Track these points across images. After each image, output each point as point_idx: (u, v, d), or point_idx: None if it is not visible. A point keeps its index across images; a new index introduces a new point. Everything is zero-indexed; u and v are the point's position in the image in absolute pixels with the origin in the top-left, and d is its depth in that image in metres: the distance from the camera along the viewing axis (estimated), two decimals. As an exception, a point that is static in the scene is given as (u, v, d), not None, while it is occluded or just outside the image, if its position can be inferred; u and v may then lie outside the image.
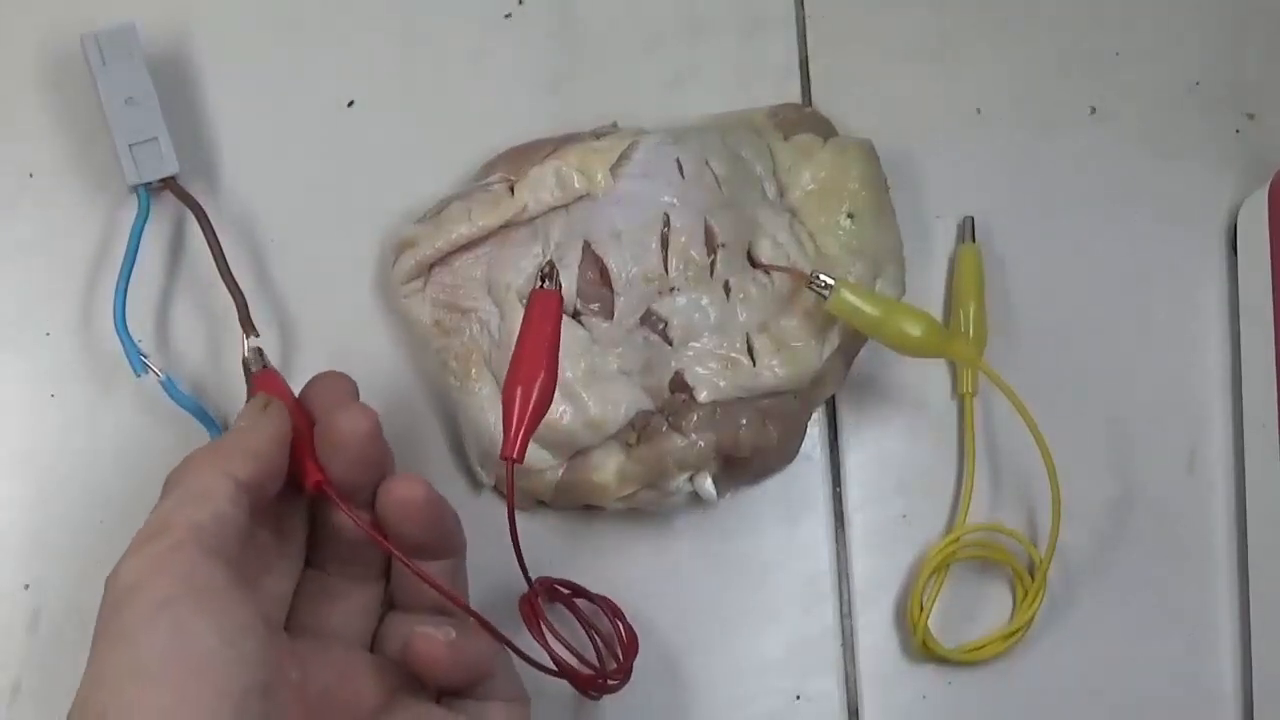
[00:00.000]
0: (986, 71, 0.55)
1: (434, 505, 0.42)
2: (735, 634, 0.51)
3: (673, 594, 0.51)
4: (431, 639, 0.41)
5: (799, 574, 0.52)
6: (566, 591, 0.48)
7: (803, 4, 0.55)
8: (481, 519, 0.45)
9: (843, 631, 0.52)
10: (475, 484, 0.50)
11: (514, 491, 0.40)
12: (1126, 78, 0.56)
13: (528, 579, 0.43)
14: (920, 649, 0.51)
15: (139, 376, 0.46)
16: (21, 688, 0.47)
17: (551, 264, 0.42)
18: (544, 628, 0.44)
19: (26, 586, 0.47)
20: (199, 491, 0.39)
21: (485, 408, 0.47)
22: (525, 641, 0.44)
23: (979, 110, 0.55)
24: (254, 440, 0.41)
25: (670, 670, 0.51)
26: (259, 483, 0.40)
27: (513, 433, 0.40)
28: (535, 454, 0.47)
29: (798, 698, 0.51)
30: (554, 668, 0.44)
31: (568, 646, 0.45)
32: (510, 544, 0.49)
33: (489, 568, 0.45)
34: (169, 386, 0.46)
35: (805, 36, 0.54)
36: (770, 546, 0.52)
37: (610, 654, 0.48)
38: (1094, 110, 0.56)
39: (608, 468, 0.47)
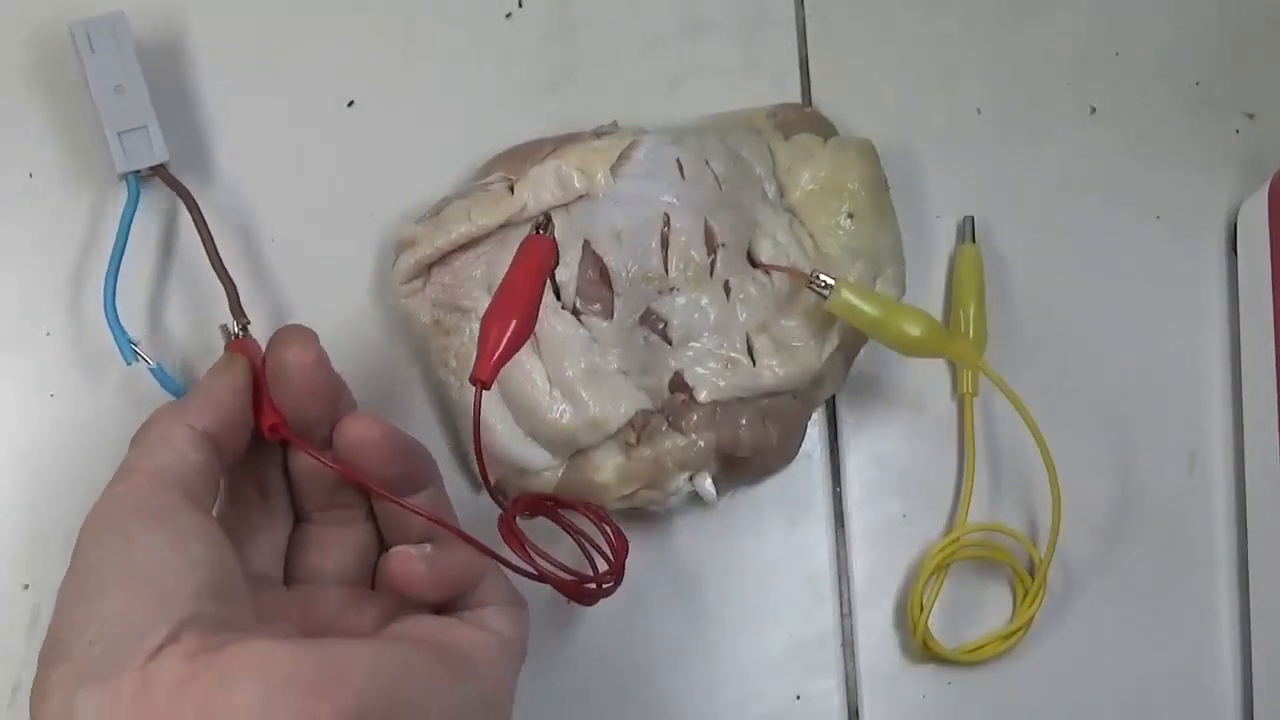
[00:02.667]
0: (986, 71, 0.55)
1: (392, 439, 0.42)
2: (735, 634, 0.51)
3: (673, 594, 0.51)
4: (407, 556, 0.41)
5: (799, 574, 0.52)
6: (549, 503, 0.48)
7: (803, 4, 0.55)
8: (481, 519, 0.45)
9: (843, 631, 0.52)
10: (475, 484, 0.50)
11: (480, 414, 0.41)
12: (1126, 78, 0.56)
13: (498, 501, 0.44)
14: (920, 649, 0.51)
15: (129, 365, 0.46)
16: (21, 688, 0.47)
17: (547, 215, 0.43)
18: (524, 544, 0.43)
19: (26, 586, 0.47)
20: (159, 440, 0.40)
21: (484, 408, 0.47)
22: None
23: (979, 110, 0.55)
24: (212, 392, 0.42)
25: (670, 670, 0.51)
26: (219, 430, 0.41)
27: (485, 355, 0.41)
28: (535, 454, 0.47)
29: (798, 698, 0.51)
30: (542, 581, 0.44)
31: (551, 560, 0.44)
32: (507, 544, 0.50)
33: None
34: (159, 375, 0.46)
35: (805, 36, 0.54)
36: (770, 546, 0.52)
37: (601, 557, 0.47)
38: (1094, 110, 0.56)
39: (608, 468, 0.47)
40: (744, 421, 0.47)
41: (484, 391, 0.41)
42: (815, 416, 0.52)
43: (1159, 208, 0.55)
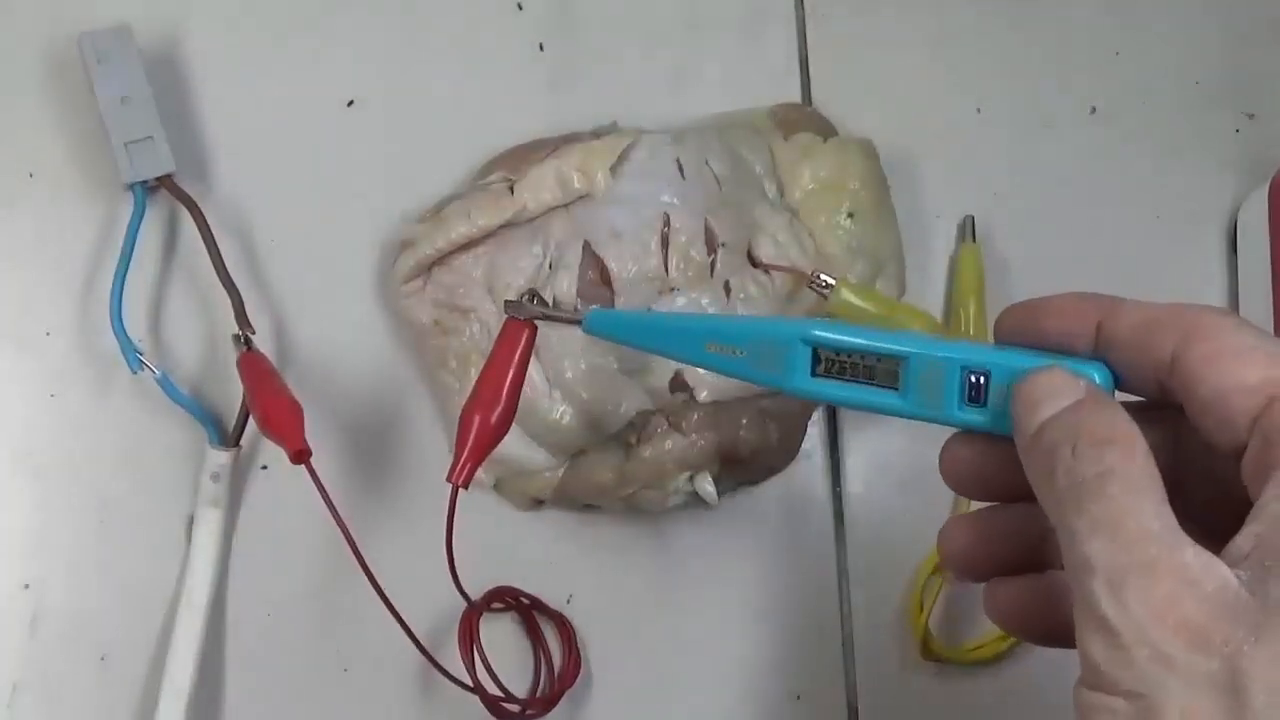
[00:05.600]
0: (986, 71, 0.55)
1: None
2: (735, 634, 0.51)
3: (672, 593, 0.51)
4: None
5: (799, 574, 0.52)
6: (526, 602, 0.49)
7: (803, 4, 0.55)
8: (480, 518, 0.45)
9: (843, 631, 0.52)
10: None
11: (454, 513, 0.41)
12: (1126, 78, 0.56)
13: (466, 597, 0.44)
14: (920, 649, 0.51)
15: (135, 374, 0.46)
16: (21, 687, 0.47)
17: (533, 291, 0.43)
18: (473, 648, 0.45)
19: (26, 586, 0.47)
20: None
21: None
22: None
23: (979, 110, 0.55)
24: None
25: (670, 670, 0.50)
26: None
27: (461, 460, 0.41)
28: (535, 454, 0.47)
29: (798, 698, 0.51)
30: (470, 686, 0.45)
31: (491, 672, 0.46)
32: (508, 546, 0.50)
33: (482, 567, 0.46)
34: (165, 384, 0.46)
35: (805, 36, 0.54)
36: (770, 546, 0.52)
37: (548, 677, 0.48)
38: (1094, 110, 0.56)
39: (607, 468, 0.47)
40: (744, 421, 0.47)
41: (454, 473, 0.41)
42: (815, 416, 0.52)
43: (1159, 207, 0.55)
